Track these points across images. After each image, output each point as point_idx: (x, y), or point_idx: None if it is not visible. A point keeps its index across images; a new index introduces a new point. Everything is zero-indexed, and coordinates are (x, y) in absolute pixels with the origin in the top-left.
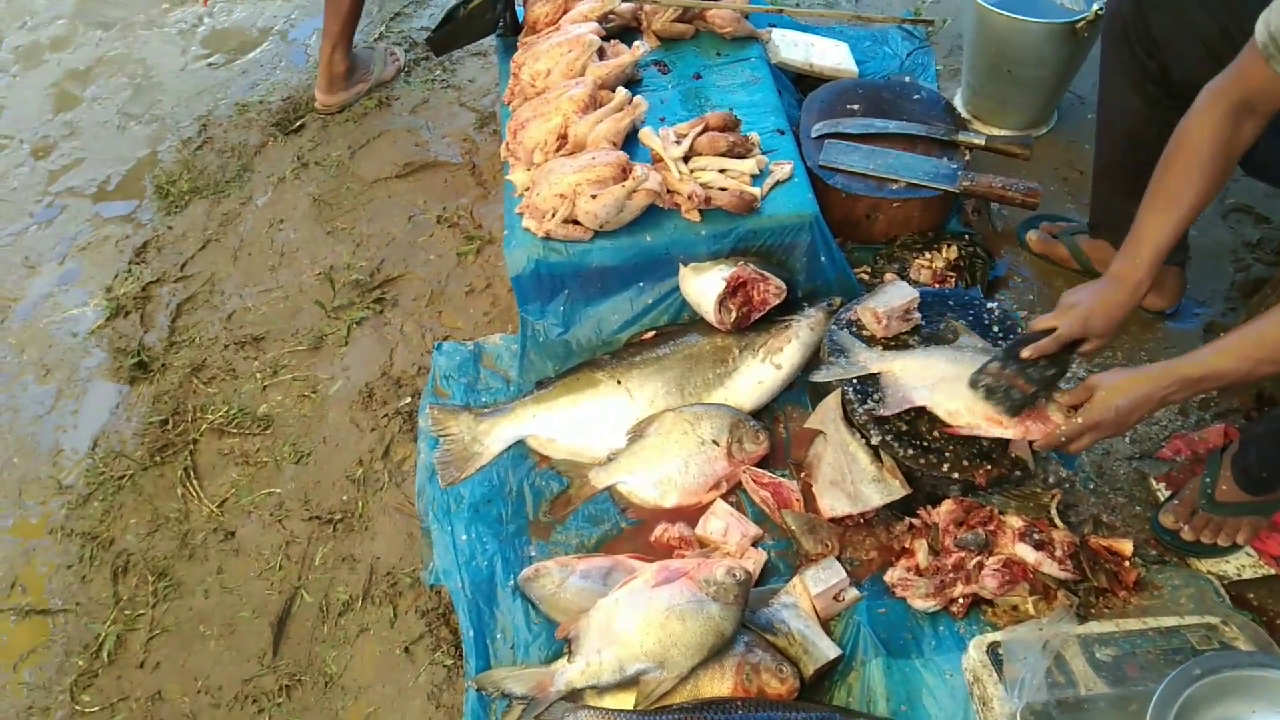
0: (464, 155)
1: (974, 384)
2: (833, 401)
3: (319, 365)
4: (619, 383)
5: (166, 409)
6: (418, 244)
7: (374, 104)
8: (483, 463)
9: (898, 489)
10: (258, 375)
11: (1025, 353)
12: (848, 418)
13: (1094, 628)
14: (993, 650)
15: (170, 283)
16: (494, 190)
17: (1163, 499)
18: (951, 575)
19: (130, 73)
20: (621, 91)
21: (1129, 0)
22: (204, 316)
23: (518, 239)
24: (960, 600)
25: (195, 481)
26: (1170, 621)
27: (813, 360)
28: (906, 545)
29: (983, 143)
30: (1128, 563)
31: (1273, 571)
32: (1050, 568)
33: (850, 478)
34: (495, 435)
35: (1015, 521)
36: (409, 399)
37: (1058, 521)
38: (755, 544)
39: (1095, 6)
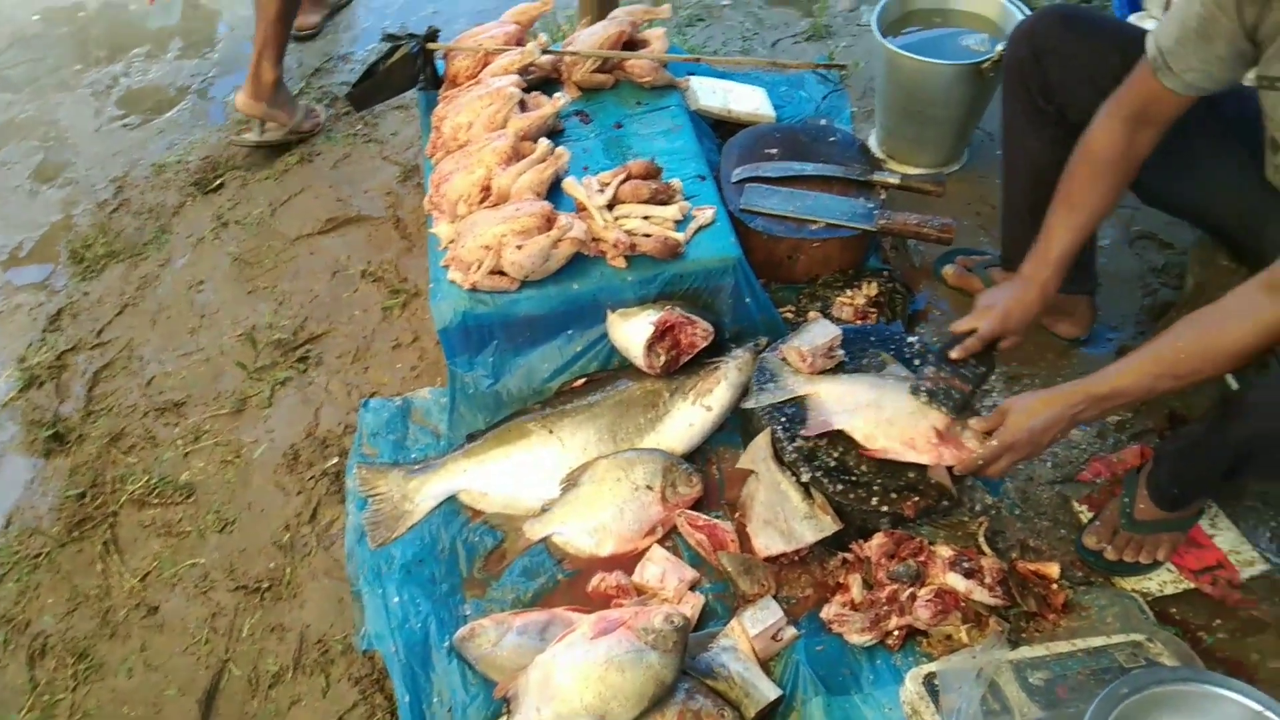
0: (388, 209)
1: (915, 391)
2: (763, 441)
3: (242, 429)
4: (550, 432)
5: (84, 481)
6: (342, 300)
7: (296, 160)
8: (413, 521)
9: (829, 525)
10: (179, 442)
11: (954, 354)
12: (778, 456)
13: (1025, 652)
14: (929, 681)
15: (86, 350)
16: (418, 243)
17: (1085, 521)
18: (886, 608)
19: (42, 135)
20: (543, 142)
21: (1025, 48)
22: (122, 384)
23: (444, 292)
24: (895, 633)
25: (116, 556)
26: (1098, 641)
27: (742, 400)
28: (841, 580)
29: (897, 182)
30: (1055, 585)
31: (1193, 585)
32: (981, 595)
33: (783, 516)
34: (425, 492)
35: (945, 551)
36: (336, 459)
37: (986, 548)
38: (693, 588)
39: (998, 48)
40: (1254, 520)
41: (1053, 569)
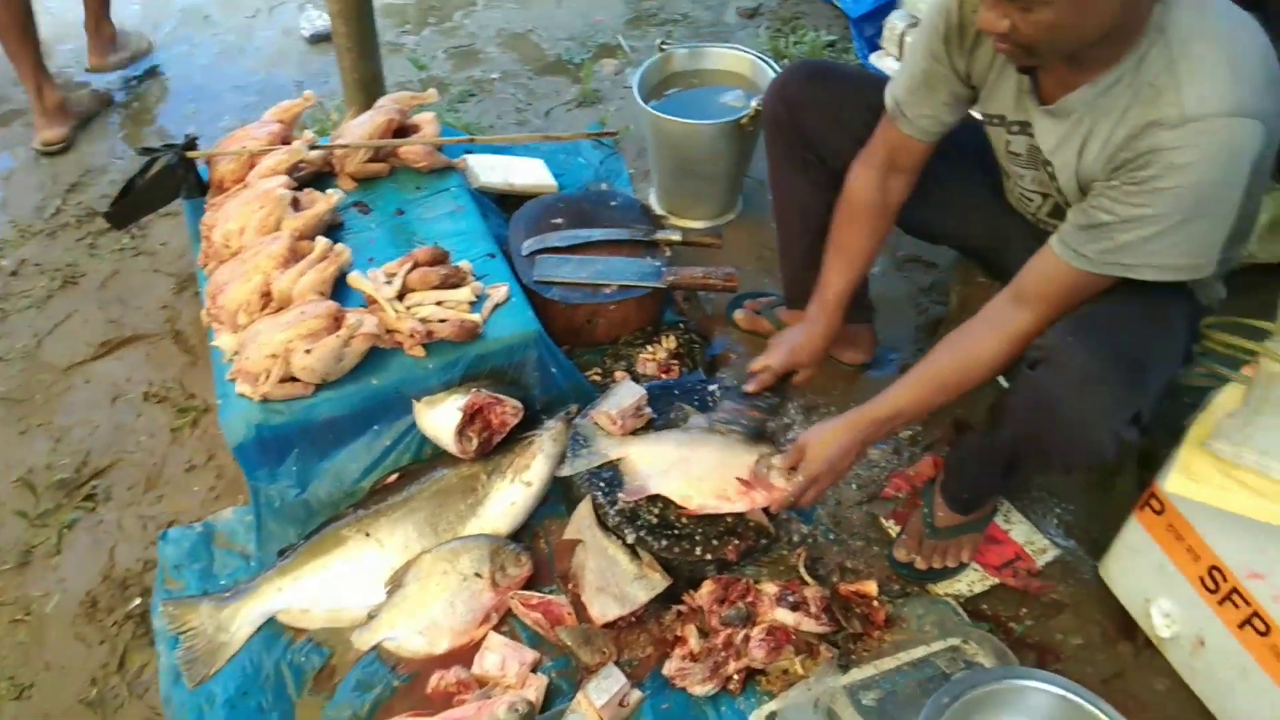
0: (165, 324)
1: (711, 426)
2: (585, 509)
3: (30, 582)
4: (368, 535)
5: None
6: (126, 427)
7: (58, 285)
8: (232, 652)
9: (659, 582)
10: None
11: (749, 388)
12: (602, 522)
13: (856, 675)
14: None
15: None
16: (202, 356)
17: (895, 535)
18: (723, 654)
19: None
20: (321, 240)
21: (780, 104)
22: None
23: (233, 406)
24: (735, 677)
25: None
26: (920, 652)
27: (557, 469)
28: (679, 633)
29: (680, 238)
30: (876, 602)
31: (997, 580)
32: (809, 625)
33: (614, 580)
34: (241, 619)
35: (770, 588)
36: (139, 600)
37: (807, 578)
38: (535, 669)
39: (754, 103)
40: (1042, 510)
41: (870, 587)
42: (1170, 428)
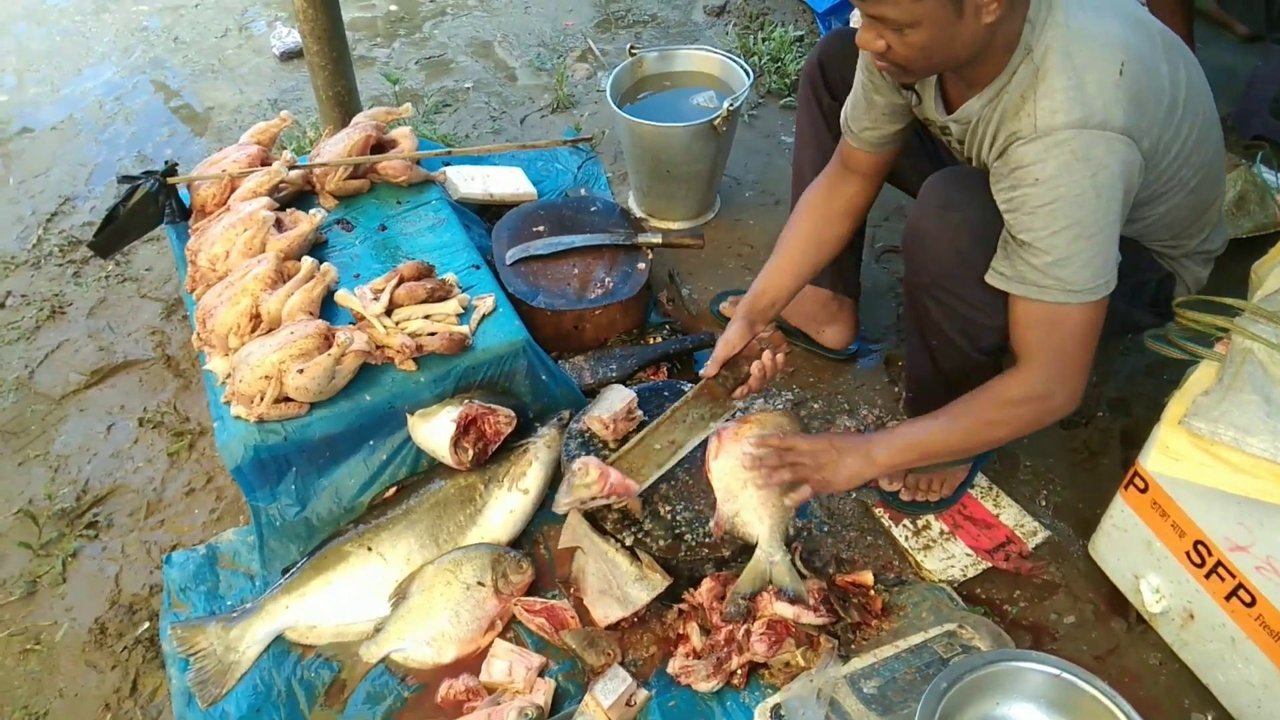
0: (156, 349)
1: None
2: (574, 518)
3: (38, 613)
4: (370, 549)
5: None
6: (123, 453)
7: (46, 315)
8: (242, 671)
9: (659, 582)
10: None
11: (707, 370)
12: (598, 527)
13: (856, 664)
14: (776, 713)
15: None
16: (195, 379)
17: (886, 524)
18: (725, 649)
19: None
20: (307, 260)
21: (813, 58)
22: None
23: (229, 429)
24: (739, 671)
25: None
26: (917, 638)
27: (557, 474)
28: (681, 631)
29: (660, 240)
30: (872, 592)
31: (990, 564)
32: (808, 617)
33: (615, 583)
34: (249, 638)
35: None
36: (147, 624)
37: (804, 571)
38: (541, 673)
39: (726, 104)
40: (1029, 492)
41: (867, 577)
42: (1151, 406)
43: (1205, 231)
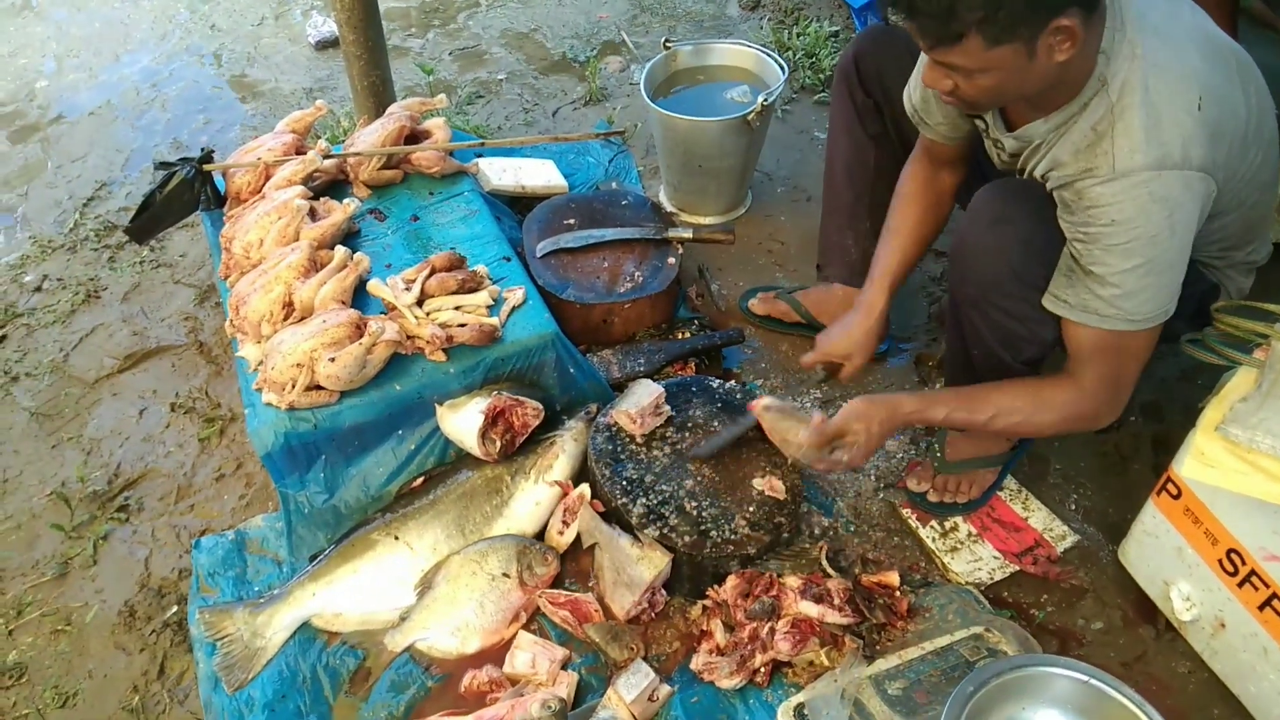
0: (189, 335)
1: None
2: (585, 513)
3: (69, 594)
4: (396, 538)
5: None
6: (155, 437)
7: (81, 299)
8: (268, 657)
9: (660, 559)
10: (0, 620)
11: (807, 359)
12: (603, 517)
13: (881, 665)
14: (799, 712)
15: None
16: (227, 365)
17: (914, 525)
18: (749, 647)
19: None
20: (340, 250)
21: (849, 53)
22: None
23: (260, 416)
24: (762, 670)
25: None
26: (943, 641)
27: (583, 468)
28: (705, 628)
29: (691, 235)
30: (898, 593)
31: (1017, 568)
32: (833, 617)
33: (624, 568)
34: (276, 624)
35: (794, 581)
36: (175, 608)
37: (829, 570)
38: (565, 666)
39: (760, 98)
40: (1059, 496)
41: (893, 577)
42: (1185, 411)
43: (1254, 243)
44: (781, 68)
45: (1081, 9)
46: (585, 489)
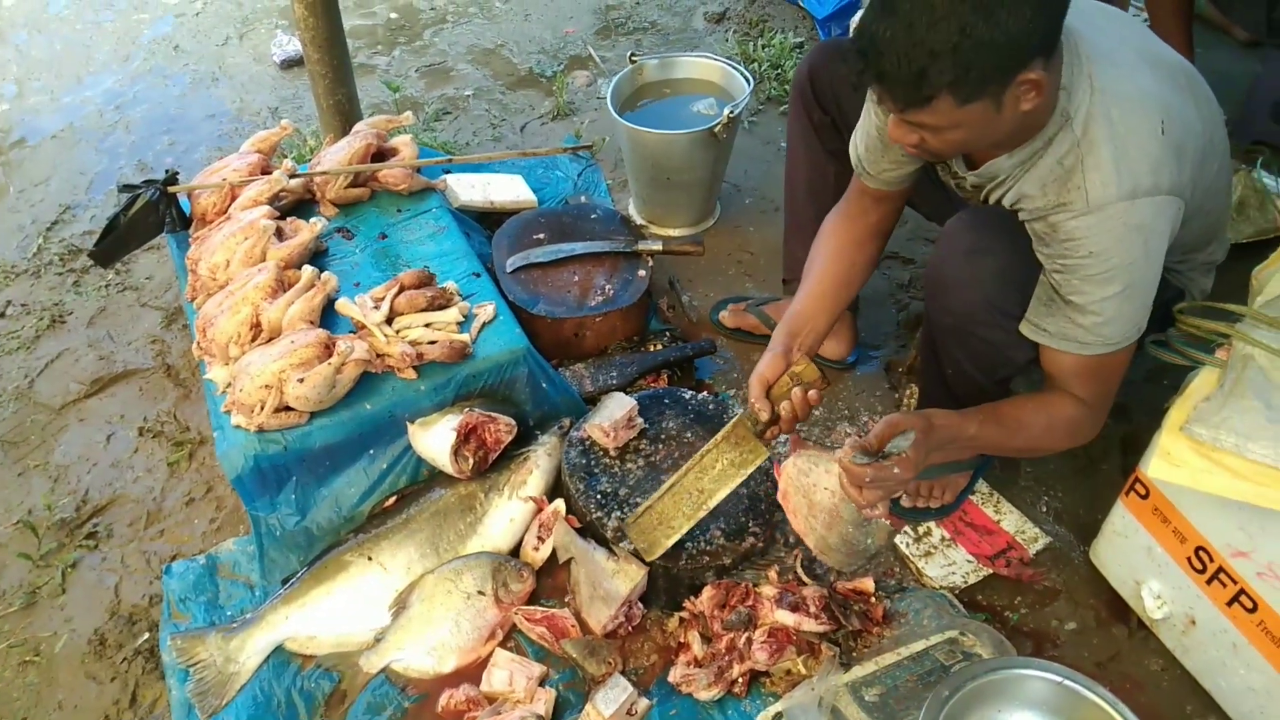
0: (156, 358)
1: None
2: (560, 528)
3: (37, 624)
4: (370, 558)
5: None
6: (123, 463)
7: (46, 324)
8: (242, 682)
9: (635, 572)
10: None
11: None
12: (580, 531)
13: (858, 672)
14: None
15: None
16: (195, 388)
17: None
18: (726, 658)
19: None
20: (308, 269)
21: (803, 69)
22: None
23: (230, 438)
24: (740, 680)
25: None
26: (919, 646)
27: (557, 483)
28: (682, 640)
29: (661, 247)
30: (873, 599)
31: (991, 571)
32: (809, 625)
33: (599, 582)
34: (249, 649)
35: (769, 590)
36: (146, 634)
37: (805, 578)
38: (542, 682)
39: (727, 111)
40: (1030, 499)
41: (867, 584)
42: (1151, 412)
43: (1212, 244)
44: (747, 80)
45: (1044, 58)
46: (560, 504)
